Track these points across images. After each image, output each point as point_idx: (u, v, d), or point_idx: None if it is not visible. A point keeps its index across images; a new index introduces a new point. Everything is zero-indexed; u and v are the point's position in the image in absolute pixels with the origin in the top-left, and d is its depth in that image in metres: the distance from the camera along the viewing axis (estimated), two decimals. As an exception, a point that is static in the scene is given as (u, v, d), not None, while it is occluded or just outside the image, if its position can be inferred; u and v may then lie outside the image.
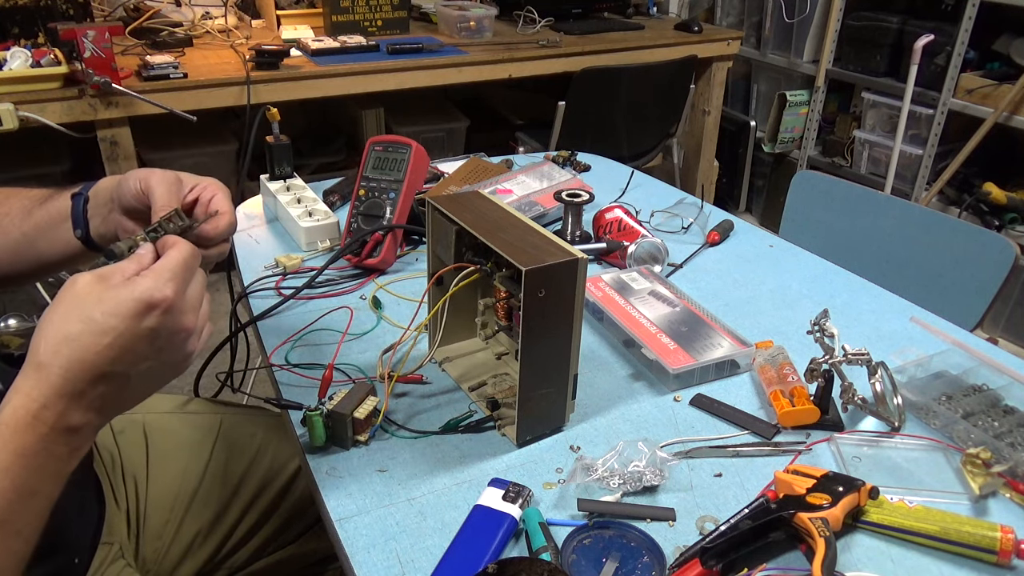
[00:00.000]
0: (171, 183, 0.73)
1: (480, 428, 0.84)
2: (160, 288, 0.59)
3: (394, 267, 1.17)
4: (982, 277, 1.31)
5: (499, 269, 0.84)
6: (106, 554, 0.85)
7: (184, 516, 0.96)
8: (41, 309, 2.26)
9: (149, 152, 2.49)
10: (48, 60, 2.00)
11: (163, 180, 0.72)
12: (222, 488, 0.99)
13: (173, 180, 0.73)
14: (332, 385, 0.87)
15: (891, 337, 1.03)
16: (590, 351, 0.98)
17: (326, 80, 2.29)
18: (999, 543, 0.67)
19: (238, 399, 1.16)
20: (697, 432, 0.85)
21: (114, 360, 0.57)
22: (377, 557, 0.68)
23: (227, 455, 1.01)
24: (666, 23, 3.09)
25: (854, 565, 0.68)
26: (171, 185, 0.72)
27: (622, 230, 1.22)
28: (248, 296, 1.09)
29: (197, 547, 0.96)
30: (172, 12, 2.61)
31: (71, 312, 0.57)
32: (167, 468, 0.98)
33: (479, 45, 2.60)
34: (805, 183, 1.64)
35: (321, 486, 0.76)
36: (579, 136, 2.50)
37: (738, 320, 1.05)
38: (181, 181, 0.74)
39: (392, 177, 1.16)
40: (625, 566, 0.67)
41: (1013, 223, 2.54)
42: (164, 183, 0.72)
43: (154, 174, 0.73)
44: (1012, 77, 2.48)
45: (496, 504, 0.71)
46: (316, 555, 1.07)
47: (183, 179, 0.74)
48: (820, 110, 3.16)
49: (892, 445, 0.83)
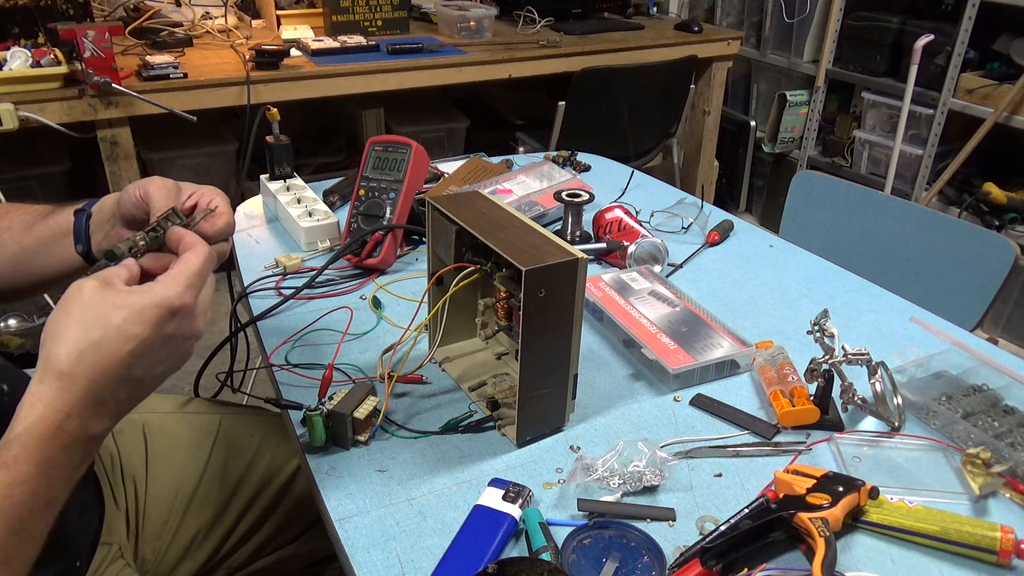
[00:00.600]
0: (170, 188, 0.74)
1: (480, 428, 0.84)
2: (180, 295, 0.60)
3: (394, 267, 1.17)
4: (982, 277, 1.31)
5: (499, 269, 0.84)
6: (105, 554, 0.85)
7: (183, 516, 0.96)
8: (41, 310, 2.26)
9: (149, 152, 2.49)
10: (48, 60, 2.00)
11: (162, 186, 0.74)
12: (221, 488, 0.99)
13: (172, 186, 0.74)
14: (332, 385, 0.87)
15: (891, 337, 1.03)
16: (590, 351, 0.98)
17: (326, 80, 2.29)
18: (999, 543, 0.67)
19: (238, 399, 1.16)
20: (697, 432, 0.85)
21: (134, 366, 0.58)
22: (377, 557, 0.68)
23: (226, 455, 1.01)
24: (666, 23, 3.09)
25: (854, 565, 0.68)
26: (169, 190, 0.74)
27: (622, 230, 1.22)
28: (248, 296, 1.09)
29: (196, 547, 0.96)
30: (172, 12, 2.61)
31: (89, 318, 0.57)
32: (166, 468, 0.98)
33: (479, 45, 2.60)
34: (805, 183, 1.64)
35: (321, 486, 0.76)
36: (579, 136, 2.49)
37: (738, 320, 1.05)
38: (180, 187, 0.75)
39: (392, 177, 1.16)
40: (625, 566, 0.67)
41: (1013, 223, 2.54)
42: (163, 188, 0.73)
43: (153, 182, 0.74)
44: (1012, 77, 2.48)
45: (496, 504, 0.71)
46: (315, 555, 1.07)
47: (182, 186, 0.76)
48: (820, 110, 3.16)
49: (892, 445, 0.83)
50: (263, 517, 1.01)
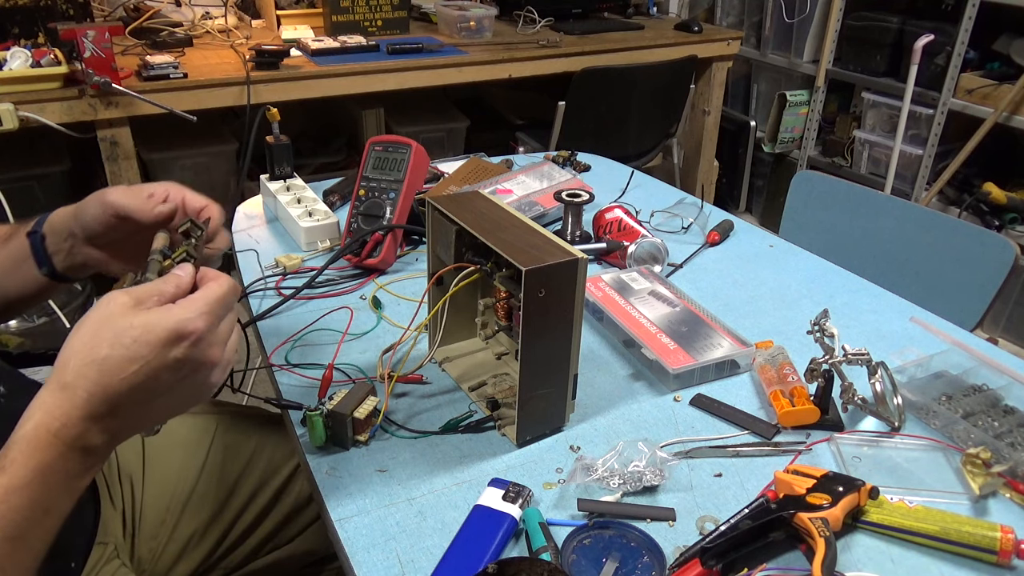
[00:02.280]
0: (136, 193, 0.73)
1: (480, 428, 0.84)
2: (192, 320, 0.58)
3: (394, 267, 1.17)
4: (982, 277, 1.31)
5: (499, 269, 0.84)
6: (101, 554, 0.85)
7: (180, 516, 0.96)
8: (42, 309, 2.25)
9: (149, 152, 2.49)
10: (48, 60, 2.00)
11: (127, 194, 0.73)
12: (218, 488, 0.99)
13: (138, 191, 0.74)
14: (332, 385, 0.87)
15: (891, 337, 1.03)
16: (590, 351, 0.98)
17: (326, 80, 2.29)
18: (999, 543, 0.67)
19: (238, 399, 1.16)
20: (697, 432, 0.85)
21: (137, 387, 0.57)
22: (377, 557, 0.68)
23: (223, 455, 1.01)
24: (666, 23, 3.08)
25: (854, 565, 0.68)
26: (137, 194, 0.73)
27: (622, 230, 1.22)
28: (248, 296, 1.09)
29: (193, 547, 0.96)
30: (172, 12, 2.61)
31: (102, 333, 0.57)
32: (163, 468, 0.98)
33: (479, 45, 2.60)
34: (805, 183, 1.64)
35: (321, 486, 0.76)
36: (579, 136, 2.49)
37: (738, 320, 1.05)
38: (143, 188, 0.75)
39: (392, 177, 1.16)
40: (625, 566, 0.67)
41: (1013, 223, 2.54)
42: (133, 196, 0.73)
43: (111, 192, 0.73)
44: (1012, 77, 2.48)
45: (496, 504, 0.71)
46: (312, 556, 1.07)
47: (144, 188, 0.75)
48: (820, 110, 3.16)
49: (892, 445, 0.83)
50: (260, 517, 1.01)
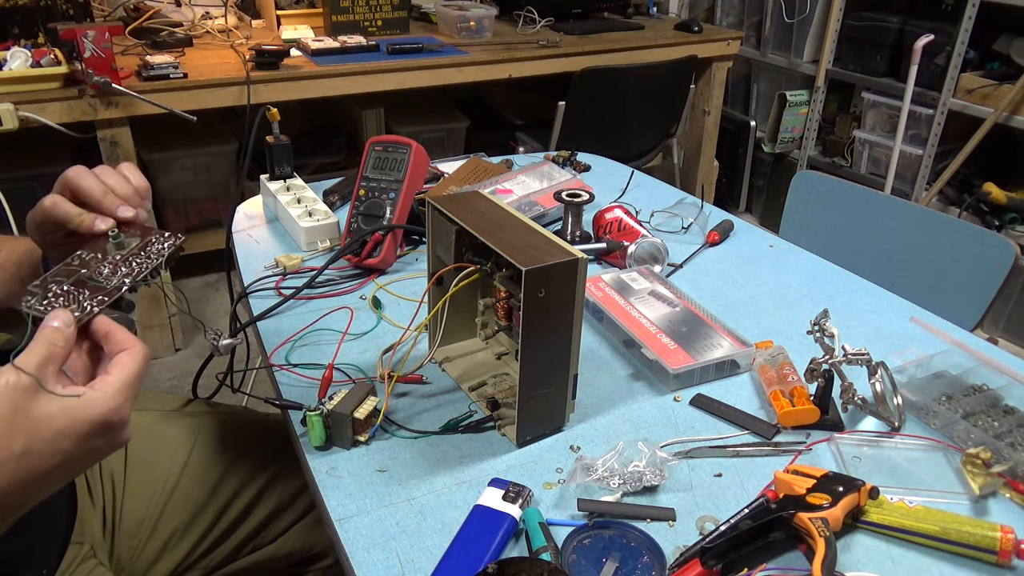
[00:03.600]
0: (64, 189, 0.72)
1: (480, 428, 0.84)
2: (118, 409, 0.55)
3: (394, 267, 1.17)
4: (982, 277, 1.31)
5: (499, 269, 0.84)
6: (76, 554, 0.85)
7: (160, 514, 0.95)
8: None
9: (149, 152, 2.49)
10: (48, 60, 2.00)
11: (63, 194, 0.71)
12: (201, 487, 0.98)
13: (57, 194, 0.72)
14: (332, 385, 0.87)
15: (891, 337, 1.03)
16: (590, 351, 0.98)
17: (326, 80, 2.29)
18: (999, 543, 0.67)
19: (238, 400, 1.16)
20: (697, 432, 0.84)
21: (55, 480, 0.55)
22: (377, 557, 0.68)
23: (207, 455, 1.01)
24: (666, 23, 3.09)
25: (854, 565, 0.68)
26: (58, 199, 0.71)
27: (622, 230, 1.22)
28: (248, 296, 1.09)
29: (173, 545, 0.96)
30: (172, 12, 2.61)
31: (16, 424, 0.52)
32: (146, 467, 0.97)
33: (479, 45, 2.60)
34: (805, 183, 1.64)
35: (321, 486, 0.76)
36: (579, 136, 2.49)
37: (738, 320, 1.05)
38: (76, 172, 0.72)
39: (392, 177, 1.16)
40: (625, 566, 0.67)
41: (1013, 223, 2.54)
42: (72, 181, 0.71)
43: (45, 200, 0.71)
44: (1012, 77, 2.48)
45: (496, 504, 0.71)
46: (294, 557, 1.06)
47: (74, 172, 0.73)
48: (820, 110, 3.16)
49: (892, 445, 0.83)
50: (242, 517, 1.01)
